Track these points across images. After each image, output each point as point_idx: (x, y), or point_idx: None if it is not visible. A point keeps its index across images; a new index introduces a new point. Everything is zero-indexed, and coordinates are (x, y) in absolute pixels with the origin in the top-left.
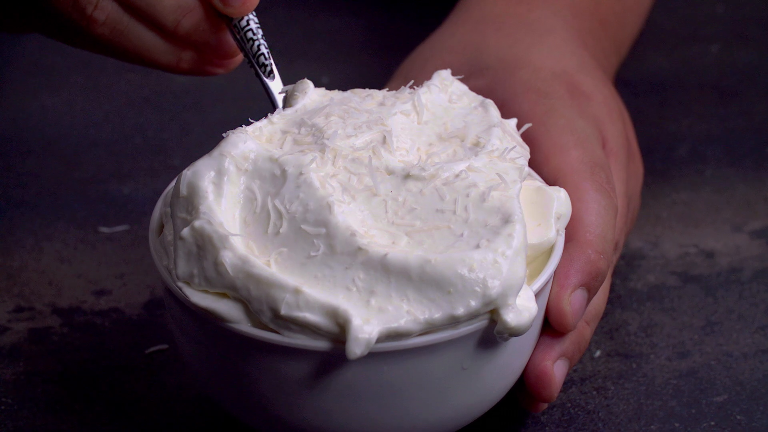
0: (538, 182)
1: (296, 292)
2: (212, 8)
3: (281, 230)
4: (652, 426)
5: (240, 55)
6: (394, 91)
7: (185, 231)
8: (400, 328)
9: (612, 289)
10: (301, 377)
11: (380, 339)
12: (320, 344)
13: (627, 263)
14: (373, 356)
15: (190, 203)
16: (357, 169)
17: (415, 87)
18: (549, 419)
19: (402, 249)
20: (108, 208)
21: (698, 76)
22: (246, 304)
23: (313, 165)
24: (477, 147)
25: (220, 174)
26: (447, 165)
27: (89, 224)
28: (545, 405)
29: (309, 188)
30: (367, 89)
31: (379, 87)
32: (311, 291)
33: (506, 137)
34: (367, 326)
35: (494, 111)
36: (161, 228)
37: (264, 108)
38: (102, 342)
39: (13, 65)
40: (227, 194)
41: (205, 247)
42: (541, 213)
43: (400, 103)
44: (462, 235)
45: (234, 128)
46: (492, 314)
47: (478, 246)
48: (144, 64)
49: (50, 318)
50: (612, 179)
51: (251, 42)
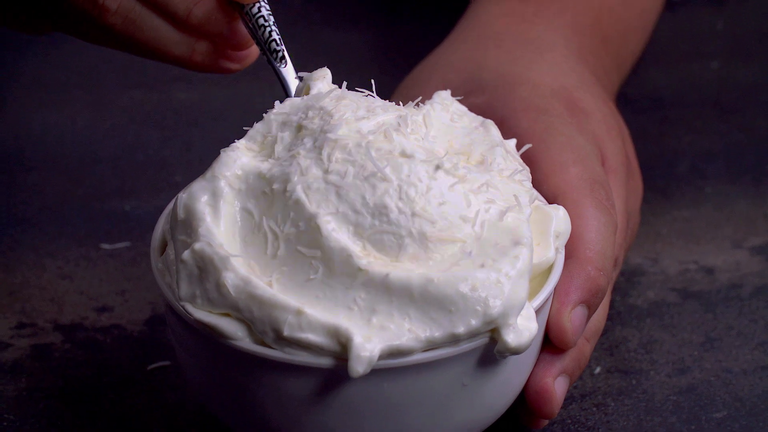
0: (537, 201)
1: (298, 313)
2: None
3: (279, 252)
4: None
5: (254, 51)
6: (401, 106)
7: (186, 254)
8: (402, 346)
9: (612, 306)
10: (303, 394)
11: (382, 356)
12: (322, 362)
13: (627, 280)
14: (375, 374)
15: (189, 226)
16: (362, 158)
17: (420, 104)
18: None
19: (404, 267)
20: (110, 225)
21: (698, 93)
22: (248, 324)
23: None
24: (482, 165)
25: (215, 195)
26: (471, 174)
27: (91, 241)
28: (546, 421)
29: (297, 206)
30: None
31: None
32: (313, 311)
33: (509, 157)
34: (369, 344)
35: (495, 131)
36: (164, 244)
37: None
38: (104, 358)
39: (16, 81)
40: (225, 215)
41: (207, 269)
42: (540, 232)
43: (410, 116)
44: (470, 253)
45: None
46: (492, 333)
47: (483, 265)
48: (157, 58)
49: (52, 334)
50: (611, 196)
51: (263, 29)
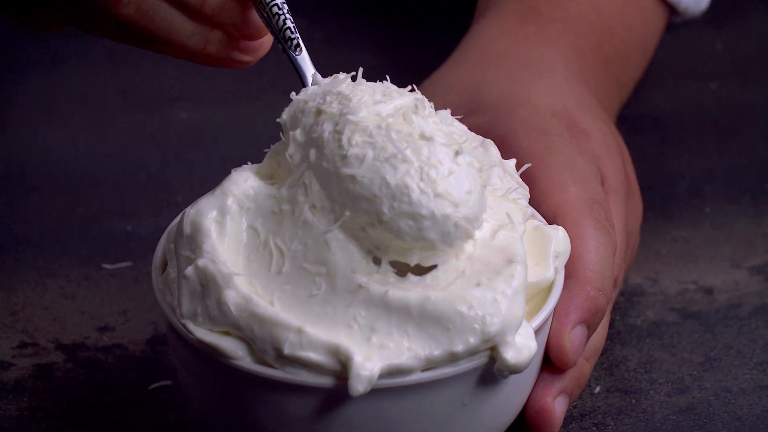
0: (537, 221)
1: (299, 332)
2: None
3: (283, 269)
4: None
5: (266, 42)
6: None
7: (189, 270)
8: (402, 365)
9: (611, 326)
10: (304, 413)
11: (381, 375)
12: (323, 381)
13: (626, 300)
14: (375, 393)
15: (194, 242)
16: (383, 140)
17: None
18: None
19: (402, 286)
20: (111, 245)
21: (697, 113)
22: (249, 343)
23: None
24: None
25: (223, 212)
26: None
27: (93, 261)
28: None
29: (306, 226)
30: None
31: None
32: (314, 330)
33: (507, 177)
34: (369, 363)
35: (494, 151)
36: (164, 265)
37: (271, 141)
38: (105, 378)
39: (16, 102)
40: (230, 232)
41: (209, 286)
42: (540, 252)
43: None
44: (464, 272)
45: (237, 164)
46: (492, 351)
47: (479, 284)
48: (170, 51)
49: (54, 354)
50: (611, 216)
51: (277, 17)
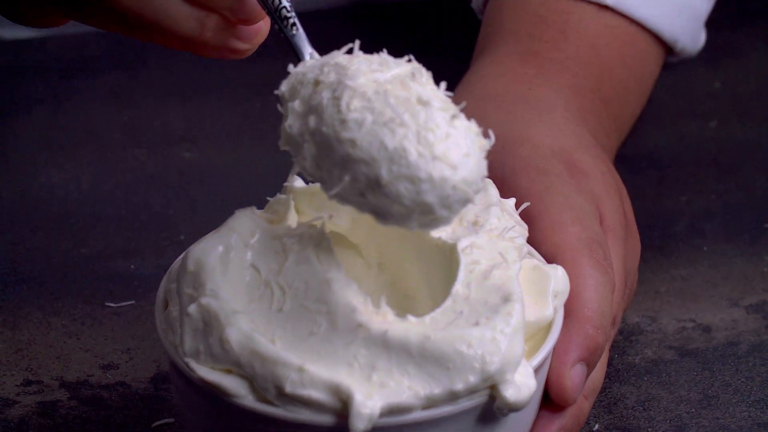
0: (536, 260)
1: (300, 370)
2: None
3: (284, 307)
4: None
5: (263, 29)
6: None
7: (192, 307)
8: (402, 404)
9: (610, 363)
10: None
11: (382, 414)
12: (324, 419)
13: (625, 338)
14: (376, 431)
15: (197, 279)
16: (381, 105)
17: None
18: None
19: (402, 325)
20: (115, 284)
21: (696, 152)
22: (251, 380)
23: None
24: (476, 226)
25: (227, 251)
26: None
27: (96, 299)
28: None
29: (308, 265)
30: None
31: None
32: (315, 368)
33: (504, 216)
34: (370, 401)
35: (493, 190)
36: (167, 303)
37: (273, 181)
38: (109, 415)
39: (20, 139)
40: (233, 271)
41: (211, 324)
42: (539, 291)
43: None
44: (462, 313)
45: (239, 204)
46: (492, 390)
47: (478, 323)
48: (166, 39)
49: (58, 392)
50: (609, 255)
51: None
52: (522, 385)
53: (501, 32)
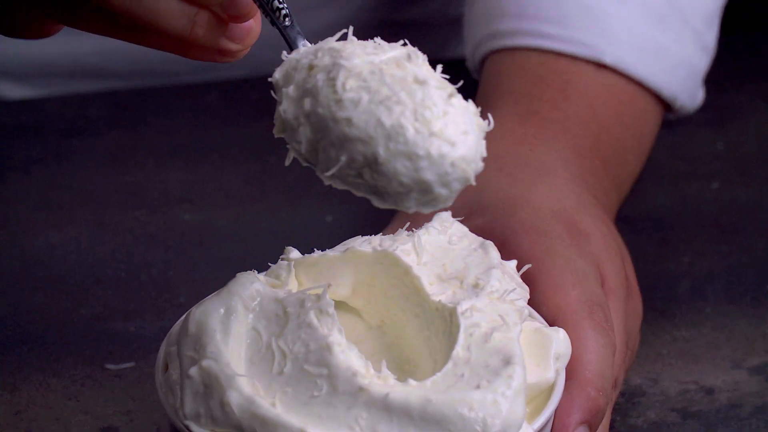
0: (538, 323)
1: None
2: None
3: (285, 370)
4: None
5: (255, 30)
6: (391, 234)
7: (193, 370)
8: None
9: (612, 426)
10: None
11: None
12: None
13: (627, 400)
14: None
15: (198, 342)
16: (377, 84)
17: (414, 229)
18: None
19: (403, 389)
20: (114, 345)
21: (698, 213)
22: None
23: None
24: (476, 288)
25: (228, 313)
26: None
27: (96, 361)
28: None
29: (310, 329)
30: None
31: (385, 224)
32: None
33: (505, 278)
34: None
35: (494, 252)
36: (167, 366)
37: (274, 243)
38: None
39: (20, 201)
40: (234, 333)
41: (212, 387)
42: (541, 354)
43: (399, 245)
44: (462, 375)
45: (240, 266)
46: None
47: (479, 386)
48: (156, 40)
49: None
50: (610, 318)
51: None
52: None
53: (500, 92)
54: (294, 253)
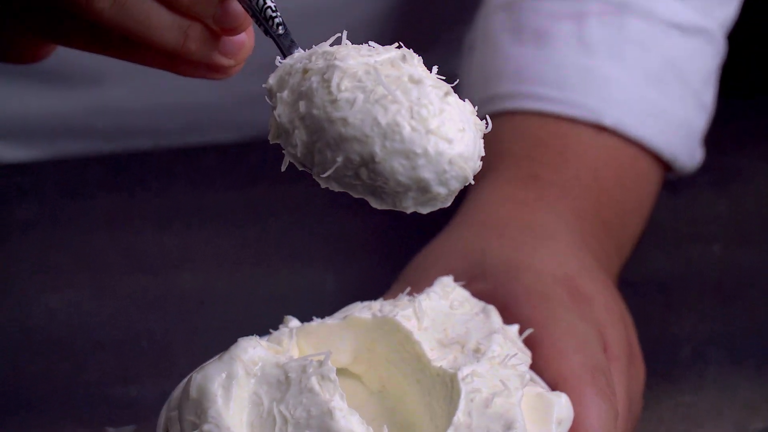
0: (539, 388)
1: None
2: None
3: None
4: None
5: (248, 45)
6: (392, 299)
7: None
8: None
9: None
10: None
11: None
12: None
13: None
14: None
15: (199, 406)
16: (372, 84)
17: (415, 294)
18: None
19: None
20: (115, 409)
21: (701, 277)
22: None
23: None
24: (478, 353)
25: (230, 378)
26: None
27: (97, 425)
28: None
29: (311, 394)
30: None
31: (386, 289)
32: None
33: (507, 343)
34: None
35: (496, 317)
36: (168, 431)
37: (273, 307)
38: None
39: (18, 264)
40: (235, 398)
41: None
42: (542, 419)
43: (400, 310)
44: None
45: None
46: None
47: None
48: (146, 56)
49: None
50: (612, 383)
51: None
52: None
53: (500, 156)
54: (294, 322)
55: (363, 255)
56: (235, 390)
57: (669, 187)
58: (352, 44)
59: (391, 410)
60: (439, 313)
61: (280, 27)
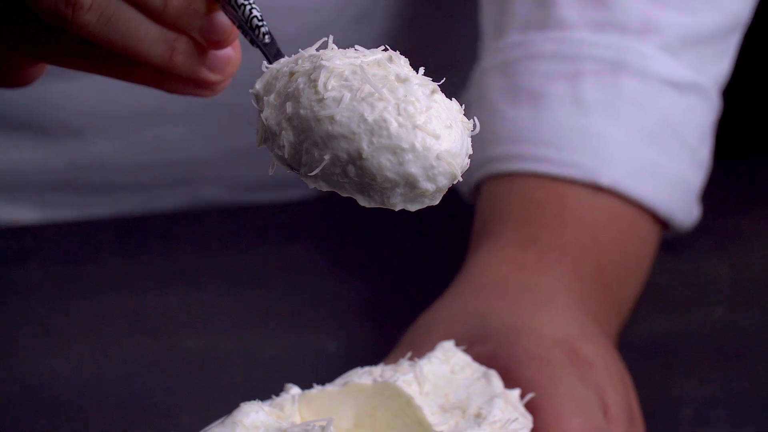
0: None
1: None
2: None
3: None
4: None
5: (234, 60)
6: (393, 364)
7: None
8: None
9: None
10: None
11: None
12: None
13: None
14: None
15: None
16: (359, 83)
17: (416, 358)
18: None
19: None
20: None
21: (702, 339)
22: None
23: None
24: (479, 418)
25: None
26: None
27: None
28: None
29: None
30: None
31: (387, 352)
32: None
33: (508, 408)
34: None
35: (497, 381)
36: None
37: (275, 370)
38: None
39: (21, 327)
40: None
41: None
42: None
43: (401, 375)
44: None
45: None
46: None
47: None
48: (132, 71)
49: None
50: None
51: (242, 8)
52: None
53: (499, 218)
54: (294, 390)
55: (364, 318)
56: None
57: (670, 250)
58: (339, 48)
59: None
60: (441, 378)
61: (266, 36)
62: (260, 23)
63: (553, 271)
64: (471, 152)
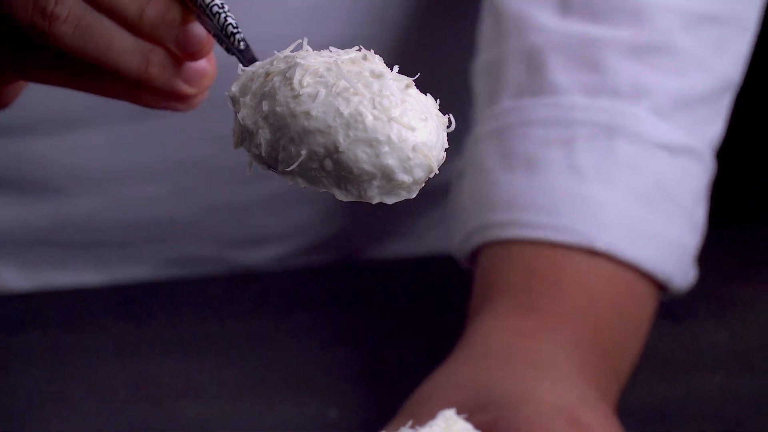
0: None
1: None
2: None
3: None
4: None
5: (210, 72)
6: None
7: None
8: None
9: None
10: None
11: None
12: None
13: None
14: None
15: None
16: (334, 79)
17: (417, 426)
18: None
19: None
20: None
21: (701, 406)
22: None
23: None
24: None
25: None
26: None
27: None
28: None
29: None
30: None
31: (388, 420)
32: None
33: None
34: None
35: None
36: None
37: None
38: None
39: (23, 393)
40: None
41: None
42: None
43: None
44: None
45: None
46: None
47: None
48: (107, 87)
49: None
50: None
51: (217, 16)
52: None
53: (498, 286)
54: None
55: (365, 386)
56: None
57: (669, 316)
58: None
59: None
60: None
61: (242, 42)
62: (235, 30)
63: (553, 339)
64: (447, 146)
